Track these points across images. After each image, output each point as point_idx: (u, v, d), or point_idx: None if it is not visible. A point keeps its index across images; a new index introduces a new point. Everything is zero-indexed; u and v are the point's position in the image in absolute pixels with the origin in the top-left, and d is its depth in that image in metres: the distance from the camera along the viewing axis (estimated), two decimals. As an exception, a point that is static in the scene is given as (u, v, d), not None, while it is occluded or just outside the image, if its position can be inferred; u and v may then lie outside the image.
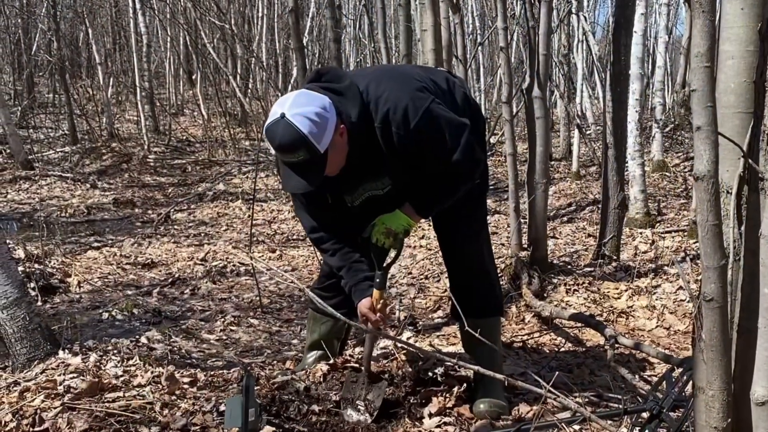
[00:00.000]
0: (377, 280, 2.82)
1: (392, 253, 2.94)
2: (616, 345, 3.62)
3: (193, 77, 19.10)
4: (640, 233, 6.70)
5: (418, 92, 2.65)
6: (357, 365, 3.09)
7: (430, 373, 3.05)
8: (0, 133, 12.03)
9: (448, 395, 2.91)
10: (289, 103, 2.49)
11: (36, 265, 5.11)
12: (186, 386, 2.93)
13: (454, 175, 2.75)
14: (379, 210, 2.85)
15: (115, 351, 3.33)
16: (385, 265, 2.86)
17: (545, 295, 4.83)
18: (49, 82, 18.57)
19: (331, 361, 3.13)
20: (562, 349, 3.96)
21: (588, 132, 12.80)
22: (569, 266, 5.51)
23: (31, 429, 2.56)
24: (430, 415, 2.82)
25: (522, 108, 7.61)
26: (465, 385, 2.98)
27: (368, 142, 2.63)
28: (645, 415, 2.43)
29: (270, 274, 5.56)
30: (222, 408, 2.67)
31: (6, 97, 15.33)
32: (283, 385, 2.92)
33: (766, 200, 1.76)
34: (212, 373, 3.18)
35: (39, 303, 4.52)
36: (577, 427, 2.62)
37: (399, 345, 3.24)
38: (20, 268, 4.50)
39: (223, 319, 4.41)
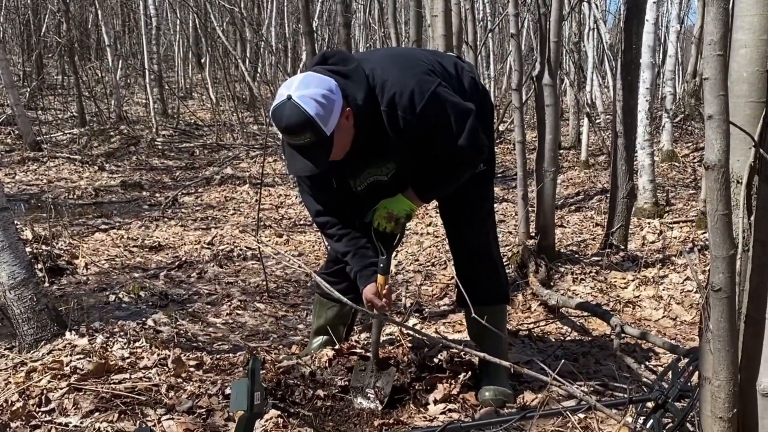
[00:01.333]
0: (381, 265, 2.82)
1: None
2: (622, 334, 3.62)
3: (202, 61, 19.09)
4: (648, 223, 6.67)
5: (425, 75, 2.63)
6: (363, 351, 3.09)
7: (435, 360, 3.05)
8: (9, 114, 12.06)
9: (453, 382, 2.91)
10: (295, 84, 2.48)
11: (43, 247, 5.12)
12: (192, 369, 2.95)
13: (458, 162, 2.75)
14: (383, 195, 2.84)
15: (122, 333, 3.34)
16: (388, 249, 2.86)
17: (552, 283, 4.82)
18: (58, 64, 18.57)
19: (337, 347, 3.14)
20: (568, 338, 3.95)
21: (597, 121, 12.74)
22: (576, 255, 5.49)
23: (37, 409, 2.58)
24: (435, 402, 2.83)
25: (532, 96, 7.57)
26: (470, 372, 2.98)
27: (374, 126, 2.62)
28: (650, 404, 2.43)
29: (277, 259, 5.56)
30: (228, 391, 2.69)
31: (15, 78, 15.31)
32: (288, 369, 2.93)
33: (777, 191, 1.74)
34: (218, 356, 3.19)
35: (46, 284, 4.54)
36: (582, 415, 2.62)
37: (405, 331, 3.24)
38: (28, 249, 4.51)
39: (229, 303, 4.42)
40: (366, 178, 2.82)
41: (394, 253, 5.44)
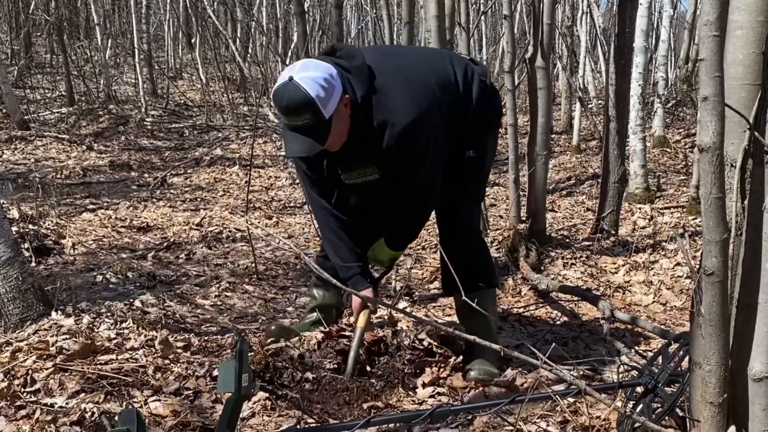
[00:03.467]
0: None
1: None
2: (612, 319, 3.62)
3: (193, 41, 18.92)
4: (639, 208, 6.68)
5: (427, 116, 2.70)
6: (353, 334, 3.06)
7: (425, 343, 3.03)
8: (-4, 92, 11.94)
9: (442, 366, 2.90)
10: (297, 68, 2.58)
11: (30, 226, 5.07)
12: (179, 350, 2.93)
13: (409, 196, 2.89)
14: (374, 194, 2.91)
15: (109, 314, 3.31)
16: (377, 276, 3.07)
17: (542, 268, 4.81)
18: (47, 42, 18.35)
19: (326, 329, 3.12)
20: (558, 323, 3.95)
21: (590, 105, 12.72)
22: (567, 240, 5.49)
23: (22, 389, 2.55)
24: (424, 385, 2.82)
25: (524, 79, 7.54)
26: (460, 356, 2.97)
27: (365, 126, 2.69)
28: (640, 389, 2.42)
29: (267, 241, 5.53)
30: (215, 373, 2.67)
31: (3, 56, 15.15)
32: (277, 352, 2.91)
33: (772, 174, 1.73)
34: (206, 338, 3.17)
35: (33, 264, 4.49)
36: (571, 399, 2.61)
37: (395, 314, 3.23)
38: (14, 229, 4.46)
39: (218, 285, 4.39)
40: (358, 176, 2.86)
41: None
